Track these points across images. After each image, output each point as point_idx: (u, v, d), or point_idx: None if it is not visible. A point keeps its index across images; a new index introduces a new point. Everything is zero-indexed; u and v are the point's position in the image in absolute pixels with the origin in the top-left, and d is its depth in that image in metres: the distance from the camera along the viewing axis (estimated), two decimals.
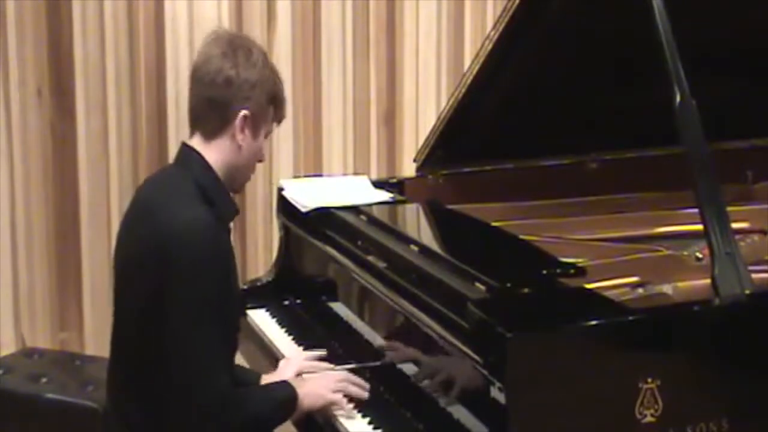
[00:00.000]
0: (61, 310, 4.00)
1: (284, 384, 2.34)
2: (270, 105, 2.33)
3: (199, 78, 2.29)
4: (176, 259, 2.13)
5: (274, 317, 2.93)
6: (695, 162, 2.19)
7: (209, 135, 2.29)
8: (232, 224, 2.45)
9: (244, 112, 2.27)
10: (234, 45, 2.29)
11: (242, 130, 2.28)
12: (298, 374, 2.46)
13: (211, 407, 2.13)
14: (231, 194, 2.39)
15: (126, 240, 2.32)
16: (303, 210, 2.89)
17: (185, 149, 2.32)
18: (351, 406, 2.33)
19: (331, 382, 2.35)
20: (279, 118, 2.39)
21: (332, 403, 2.31)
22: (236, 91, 2.26)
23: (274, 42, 4.11)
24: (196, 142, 2.31)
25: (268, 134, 2.37)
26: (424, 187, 3.07)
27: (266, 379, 2.49)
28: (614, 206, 2.97)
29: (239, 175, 2.36)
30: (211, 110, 2.28)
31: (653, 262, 2.52)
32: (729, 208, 2.21)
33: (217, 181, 2.30)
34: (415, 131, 4.32)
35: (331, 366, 2.51)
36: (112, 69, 3.95)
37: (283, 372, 2.48)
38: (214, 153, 2.29)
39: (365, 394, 2.35)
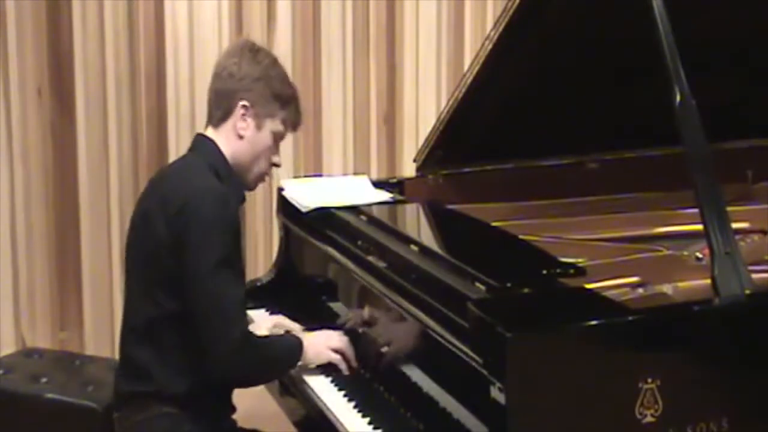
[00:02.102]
0: (61, 310, 4.01)
1: (292, 335, 2.57)
2: (275, 102, 2.47)
3: (213, 75, 2.49)
4: (194, 215, 2.31)
5: (274, 317, 2.92)
6: (695, 162, 2.19)
7: (216, 123, 2.48)
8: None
9: (244, 101, 2.44)
10: (243, 46, 2.50)
11: (243, 119, 2.45)
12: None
13: (238, 342, 2.31)
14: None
15: (144, 207, 2.45)
16: (303, 210, 2.89)
17: (198, 137, 2.52)
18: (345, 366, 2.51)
19: (332, 341, 2.53)
20: (289, 121, 2.53)
21: (331, 361, 2.50)
22: (237, 82, 2.44)
23: (274, 42, 4.11)
24: (209, 132, 2.50)
25: (277, 135, 2.51)
26: (424, 187, 3.07)
27: None
28: (614, 206, 2.98)
29: (245, 168, 2.49)
30: (216, 101, 2.48)
31: (653, 262, 2.53)
32: (729, 208, 2.21)
33: (226, 164, 2.46)
34: (415, 131, 4.32)
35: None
36: (112, 69, 3.95)
37: (261, 321, 2.77)
38: (221, 141, 2.47)
39: (355, 362, 2.52)
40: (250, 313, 2.96)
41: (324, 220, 2.85)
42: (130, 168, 4.01)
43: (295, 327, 2.72)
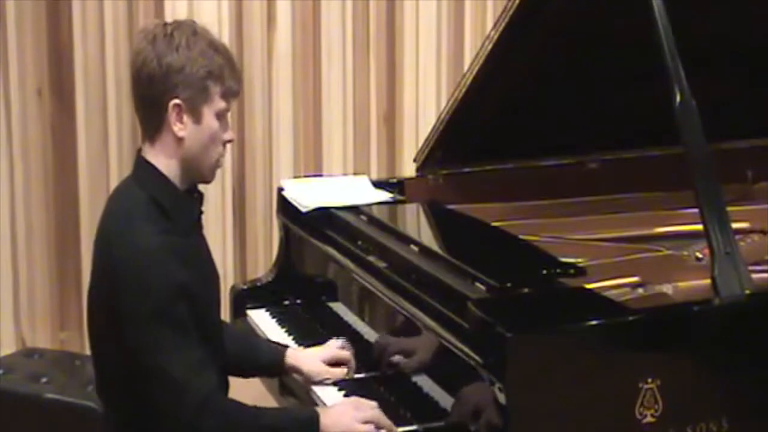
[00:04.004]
0: (61, 310, 4.00)
1: (308, 408, 2.31)
2: (207, 82, 2.16)
3: (131, 76, 2.21)
4: (122, 285, 2.12)
5: (274, 317, 2.93)
6: (695, 162, 2.19)
7: (152, 137, 2.21)
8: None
9: (174, 101, 2.15)
10: (155, 33, 2.18)
11: (179, 120, 2.16)
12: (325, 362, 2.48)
13: (190, 416, 2.10)
14: (200, 193, 2.32)
15: (93, 260, 2.30)
16: (303, 210, 2.89)
17: (138, 160, 2.26)
18: None
19: (360, 412, 2.19)
20: (230, 92, 2.21)
21: None
22: (161, 83, 2.14)
23: (274, 42, 4.11)
24: (146, 148, 2.23)
25: (220, 113, 2.20)
26: (424, 187, 3.06)
27: (291, 355, 2.52)
28: (614, 206, 2.98)
29: (197, 166, 2.22)
30: (144, 110, 2.21)
31: (653, 262, 2.53)
32: (729, 208, 2.21)
33: (172, 190, 2.21)
34: (415, 131, 4.32)
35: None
36: (112, 69, 3.95)
37: (311, 355, 2.50)
38: (162, 155, 2.20)
39: (394, 428, 2.21)
40: (251, 313, 2.97)
41: (324, 220, 2.85)
42: (130, 168, 4.00)
43: (339, 354, 2.49)
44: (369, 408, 2.21)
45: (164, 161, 2.21)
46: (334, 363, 2.48)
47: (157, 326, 2.09)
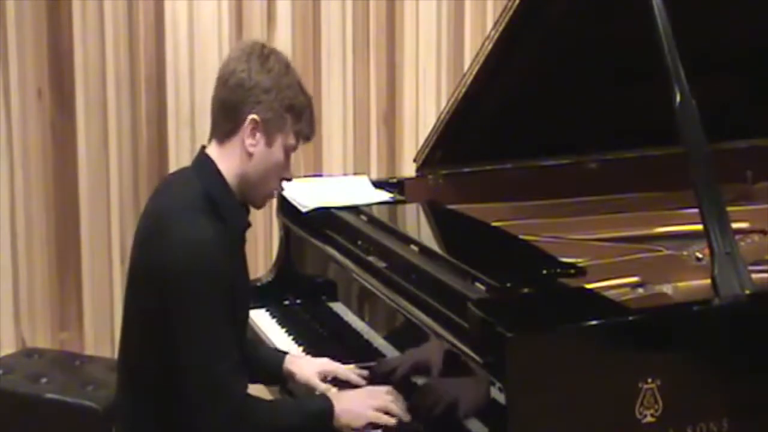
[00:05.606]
0: (61, 310, 4.00)
1: (321, 397, 2.31)
2: (287, 114, 2.23)
3: (217, 80, 2.27)
4: (174, 279, 2.13)
5: (274, 317, 2.93)
6: (695, 162, 2.19)
7: (221, 139, 2.25)
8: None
9: (253, 115, 2.20)
10: (252, 49, 2.25)
11: (252, 135, 2.21)
12: (321, 376, 2.43)
13: (227, 420, 2.12)
14: (246, 207, 2.34)
15: (137, 249, 2.29)
16: (303, 210, 2.89)
17: (201, 155, 2.29)
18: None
19: (372, 399, 2.25)
20: (302, 133, 2.28)
21: (373, 423, 2.21)
22: (247, 94, 2.20)
23: (274, 42, 4.10)
24: (212, 148, 2.27)
25: (289, 149, 2.27)
26: (424, 187, 3.06)
27: (290, 360, 2.48)
28: (614, 206, 2.98)
29: (254, 188, 2.28)
30: (222, 113, 2.25)
31: (653, 262, 2.53)
32: (729, 208, 2.21)
33: (228, 192, 2.25)
34: (415, 131, 4.32)
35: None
36: (112, 69, 3.95)
37: (308, 363, 2.48)
38: (226, 159, 2.25)
39: (407, 416, 2.24)
40: (251, 313, 2.96)
41: (324, 220, 2.85)
42: (130, 168, 4.01)
43: (342, 372, 2.44)
44: (382, 395, 2.26)
45: (226, 166, 2.25)
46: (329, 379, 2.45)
47: (206, 319, 2.13)
